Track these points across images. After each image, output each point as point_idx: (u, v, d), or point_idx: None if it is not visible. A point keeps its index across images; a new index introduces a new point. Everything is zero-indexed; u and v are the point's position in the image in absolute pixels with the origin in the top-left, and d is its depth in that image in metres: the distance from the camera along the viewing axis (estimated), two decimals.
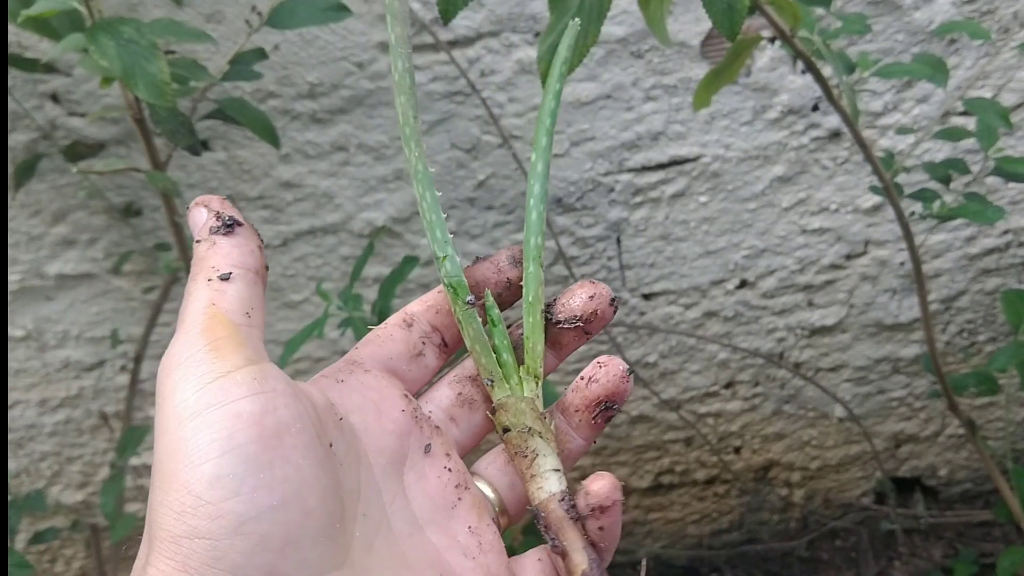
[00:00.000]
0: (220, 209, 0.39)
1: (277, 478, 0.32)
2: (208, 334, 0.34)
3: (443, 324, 0.44)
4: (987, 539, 1.50)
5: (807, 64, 0.73)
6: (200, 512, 0.31)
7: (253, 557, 0.31)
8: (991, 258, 1.28)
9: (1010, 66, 1.14)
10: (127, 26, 0.59)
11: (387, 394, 0.41)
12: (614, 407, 0.42)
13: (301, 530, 0.32)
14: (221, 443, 0.32)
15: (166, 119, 0.67)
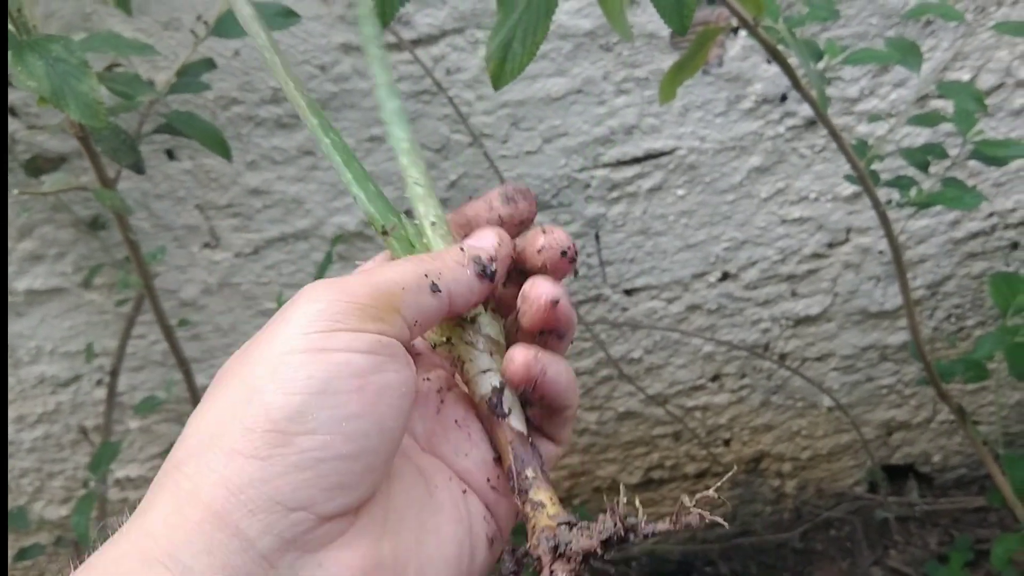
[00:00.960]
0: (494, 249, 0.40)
1: (359, 432, 0.33)
2: (369, 295, 0.35)
3: None
4: (983, 525, 1.49)
5: (772, 54, 0.71)
6: (269, 438, 0.31)
7: (299, 491, 0.31)
8: (976, 242, 1.26)
9: (988, 46, 1.12)
10: (56, 44, 0.57)
11: None
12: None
13: (359, 481, 0.33)
14: (318, 383, 0.32)
15: (107, 137, 0.65)
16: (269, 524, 0.31)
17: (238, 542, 0.30)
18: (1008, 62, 1.12)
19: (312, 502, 0.31)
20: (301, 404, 0.32)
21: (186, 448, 0.33)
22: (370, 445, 0.33)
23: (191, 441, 0.33)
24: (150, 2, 0.95)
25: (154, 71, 0.98)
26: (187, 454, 0.32)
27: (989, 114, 1.16)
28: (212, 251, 1.12)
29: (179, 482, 0.32)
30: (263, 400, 0.32)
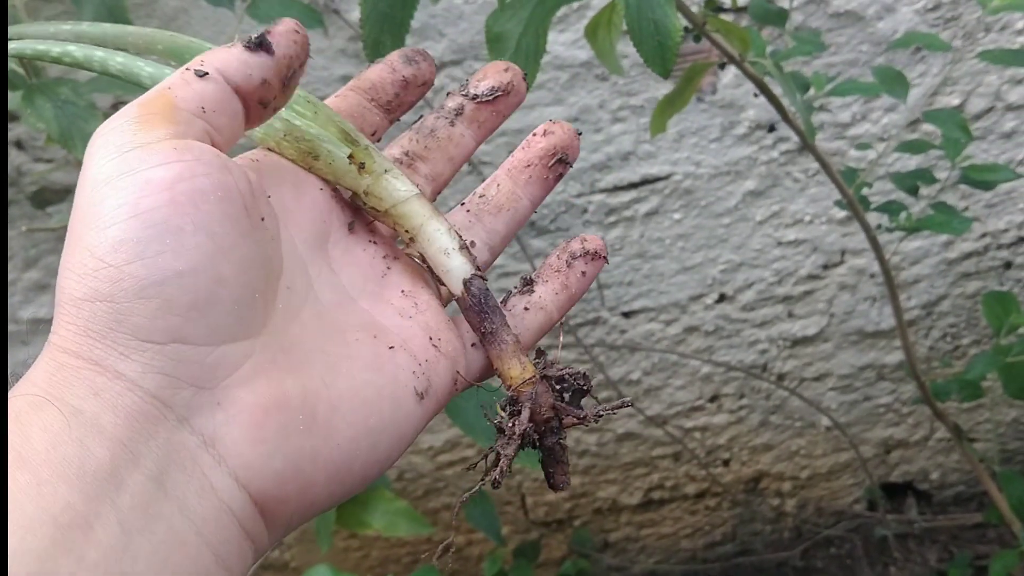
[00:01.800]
0: (277, 29, 0.36)
1: (186, 245, 0.31)
2: (144, 108, 0.33)
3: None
4: (982, 541, 1.50)
5: (759, 87, 0.73)
6: (101, 275, 0.30)
7: (156, 320, 0.30)
8: (970, 262, 1.28)
9: (977, 71, 1.14)
10: (64, 87, 0.59)
11: (303, 176, 0.40)
12: (567, 161, 0.43)
13: (210, 296, 0.32)
14: (128, 208, 0.31)
15: None
16: (145, 363, 0.30)
17: (122, 384, 0.30)
18: (997, 86, 1.14)
19: (177, 330, 0.31)
20: (118, 233, 0.31)
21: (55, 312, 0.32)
22: (204, 256, 0.32)
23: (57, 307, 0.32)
24: None
25: None
26: (54, 315, 0.32)
27: (980, 137, 1.17)
28: None
29: (51, 341, 0.31)
30: (85, 243, 0.31)
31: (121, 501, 0.28)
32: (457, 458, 1.36)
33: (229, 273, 0.32)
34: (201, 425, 0.31)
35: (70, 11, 0.93)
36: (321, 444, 0.34)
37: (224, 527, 0.31)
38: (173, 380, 0.31)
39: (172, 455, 0.30)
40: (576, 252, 0.43)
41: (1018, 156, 1.19)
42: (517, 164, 0.43)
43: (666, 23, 0.49)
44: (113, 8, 0.77)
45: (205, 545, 0.30)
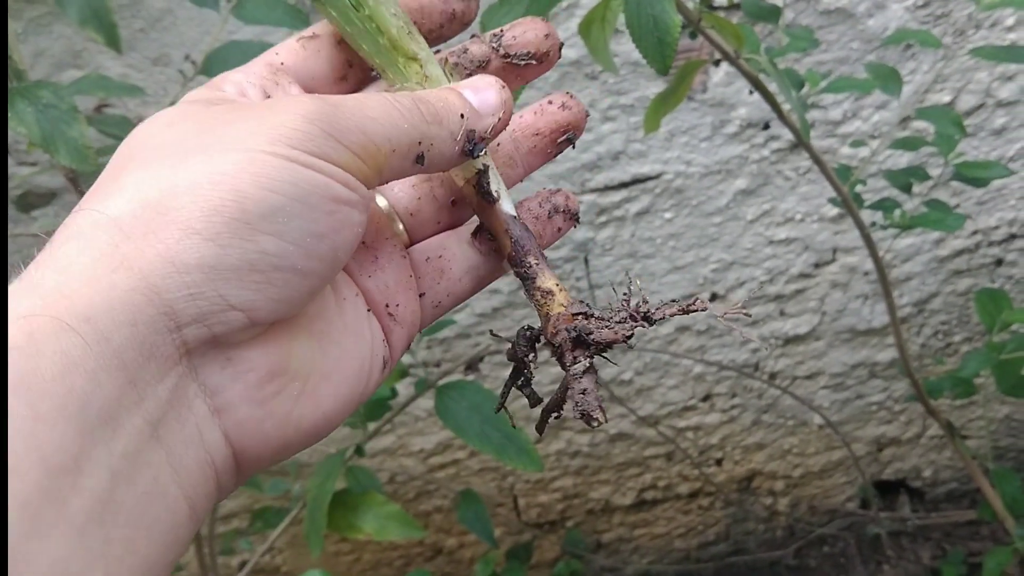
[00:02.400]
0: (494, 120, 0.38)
1: (319, 252, 0.32)
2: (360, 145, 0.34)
3: None
4: (975, 538, 1.50)
5: (754, 84, 0.73)
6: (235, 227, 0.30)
7: (244, 291, 0.30)
8: (961, 259, 1.28)
9: (968, 68, 1.13)
10: (45, 90, 0.57)
11: None
12: (573, 140, 0.42)
13: (298, 298, 0.32)
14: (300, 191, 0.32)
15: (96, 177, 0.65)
16: (205, 314, 0.29)
17: (166, 322, 0.29)
18: (988, 83, 1.14)
19: (252, 306, 0.30)
20: (277, 204, 0.30)
21: (125, 205, 0.30)
22: (321, 268, 0.32)
23: (131, 199, 0.30)
24: (139, 38, 0.96)
25: (144, 106, 0.98)
26: (129, 214, 0.29)
27: (971, 134, 1.17)
28: None
29: (116, 243, 0.29)
30: (236, 187, 0.30)
31: (115, 445, 0.27)
32: (449, 460, 1.35)
33: (320, 288, 0.33)
34: (206, 376, 0.31)
35: (54, 11, 0.91)
36: (308, 412, 0.34)
37: (204, 480, 0.31)
38: (211, 338, 0.30)
39: (174, 402, 0.29)
40: (559, 206, 0.42)
41: (1008, 152, 1.19)
42: (525, 129, 0.42)
43: (665, 19, 0.49)
44: (98, 9, 0.76)
45: (184, 497, 0.30)
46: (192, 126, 0.33)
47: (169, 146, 0.32)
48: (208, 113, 0.34)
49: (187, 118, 0.34)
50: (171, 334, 0.29)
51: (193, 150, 0.31)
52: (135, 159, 0.32)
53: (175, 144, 0.32)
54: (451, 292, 0.42)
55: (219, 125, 0.32)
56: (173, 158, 0.31)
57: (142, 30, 0.96)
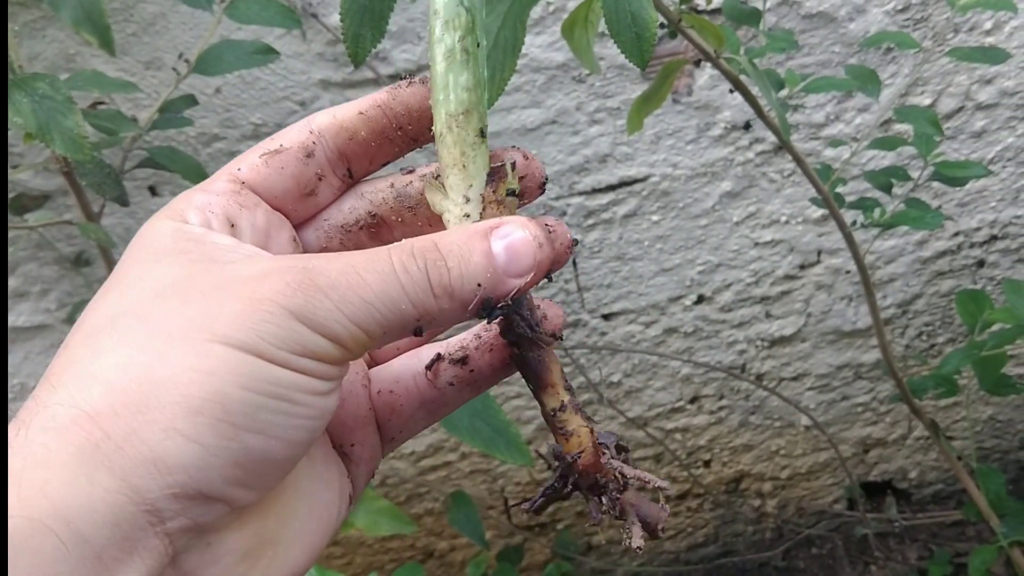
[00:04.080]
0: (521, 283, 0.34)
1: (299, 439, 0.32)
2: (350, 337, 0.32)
3: (355, 153, 0.38)
4: (961, 539, 1.51)
5: (735, 84, 0.74)
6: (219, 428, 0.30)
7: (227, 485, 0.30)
8: (944, 260, 1.29)
9: (948, 71, 1.15)
10: (42, 82, 0.59)
11: (275, 236, 0.37)
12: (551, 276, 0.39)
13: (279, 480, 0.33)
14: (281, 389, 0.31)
15: (92, 171, 0.67)
16: (187, 509, 0.29)
17: (149, 518, 0.29)
18: (967, 86, 1.16)
19: (235, 496, 0.30)
20: (260, 403, 0.30)
21: (103, 398, 0.29)
22: (302, 451, 0.32)
23: (109, 391, 0.29)
24: (132, 43, 0.98)
25: (136, 108, 1.00)
26: (108, 409, 0.29)
27: (951, 137, 1.19)
28: None
29: (96, 442, 0.28)
30: (218, 388, 0.29)
31: None
32: (440, 462, 1.36)
33: (300, 462, 0.33)
34: (185, 560, 0.31)
35: (48, 15, 0.93)
36: (277, 569, 0.34)
37: None
38: (194, 527, 0.30)
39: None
40: None
41: (989, 155, 1.21)
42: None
43: (643, 15, 0.50)
44: (91, 11, 0.77)
45: None
46: (171, 299, 0.31)
47: (146, 321, 0.31)
48: (186, 282, 0.32)
49: (165, 283, 0.32)
50: (153, 527, 0.29)
51: (173, 334, 0.30)
52: (112, 329, 0.31)
53: (153, 320, 0.31)
54: (404, 428, 0.40)
55: (198, 302, 0.31)
56: (152, 341, 0.30)
57: (135, 34, 0.97)
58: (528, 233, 0.33)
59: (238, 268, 0.32)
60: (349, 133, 0.37)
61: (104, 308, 0.32)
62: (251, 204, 0.36)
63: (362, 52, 0.49)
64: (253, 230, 0.36)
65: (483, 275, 0.33)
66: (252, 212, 0.36)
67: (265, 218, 0.37)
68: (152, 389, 0.29)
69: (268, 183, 0.37)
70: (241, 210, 0.36)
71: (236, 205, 0.36)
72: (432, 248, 0.33)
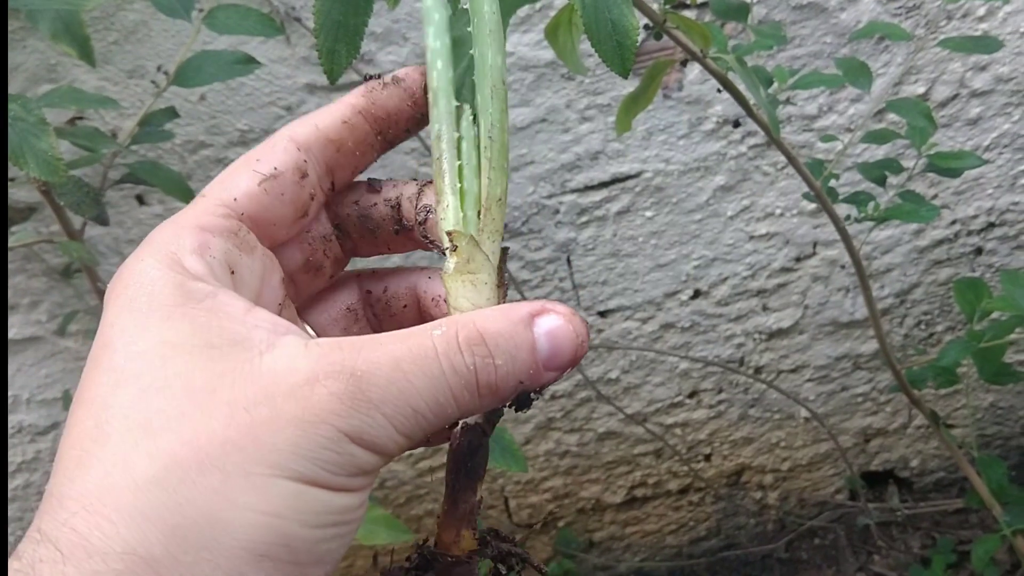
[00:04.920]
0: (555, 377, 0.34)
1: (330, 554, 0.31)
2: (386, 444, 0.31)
3: (341, 164, 0.37)
4: (964, 526, 1.51)
5: (722, 83, 0.73)
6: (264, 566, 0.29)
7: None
8: (941, 249, 1.28)
9: (941, 59, 1.14)
10: (14, 103, 0.58)
11: (268, 280, 0.36)
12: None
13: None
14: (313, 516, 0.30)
15: (69, 191, 0.66)
16: None
17: None
18: (961, 74, 1.15)
19: None
20: (322, 536, 0.29)
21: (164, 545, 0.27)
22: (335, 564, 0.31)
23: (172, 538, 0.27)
24: (114, 51, 0.97)
25: (120, 118, 0.99)
26: (168, 556, 0.27)
27: (946, 124, 1.18)
28: None
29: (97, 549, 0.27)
30: (283, 530, 0.28)
31: None
32: (438, 463, 1.35)
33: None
34: None
35: (27, 26, 0.92)
36: None
37: None
38: None
39: None
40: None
41: (984, 142, 1.20)
42: None
43: (623, 22, 0.49)
44: (70, 24, 0.76)
45: None
46: (214, 413, 0.29)
47: (194, 447, 0.28)
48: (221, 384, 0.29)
49: (194, 380, 0.29)
50: None
51: (228, 469, 0.28)
52: (149, 451, 0.28)
53: (202, 448, 0.28)
54: None
55: (246, 421, 0.29)
56: (208, 476, 0.28)
57: (116, 43, 0.96)
58: (572, 327, 0.33)
59: (275, 369, 0.30)
60: (336, 145, 0.36)
61: (126, 407, 0.29)
62: (249, 247, 0.35)
63: (337, 68, 0.48)
64: (251, 277, 0.34)
65: (527, 372, 0.32)
66: (251, 257, 0.34)
67: (261, 263, 0.35)
68: (213, 532, 0.27)
69: (268, 213, 0.35)
70: (241, 256, 0.34)
71: (236, 250, 0.34)
72: (479, 341, 0.31)
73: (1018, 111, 1.19)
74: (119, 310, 0.31)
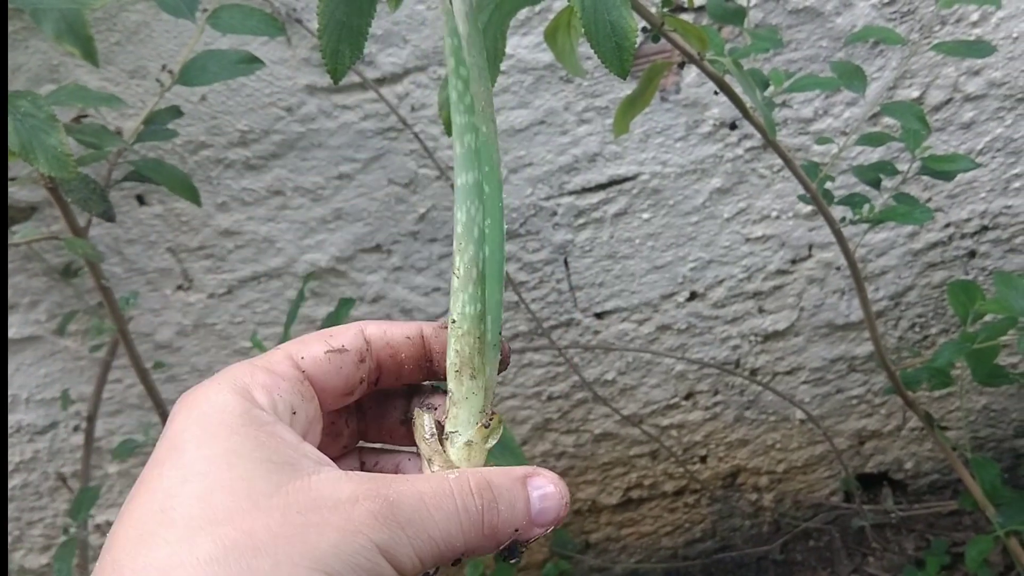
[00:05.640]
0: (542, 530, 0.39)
1: None
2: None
3: (390, 369, 0.43)
4: (958, 528, 1.51)
5: (719, 85, 0.74)
6: None
7: None
8: (935, 252, 1.29)
9: (935, 63, 1.15)
10: (24, 100, 0.59)
11: (313, 428, 0.41)
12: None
13: None
14: None
15: (77, 187, 0.67)
16: None
17: None
18: (955, 78, 1.16)
19: None
20: None
21: None
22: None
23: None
24: (116, 51, 0.97)
25: (122, 118, 0.99)
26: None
27: (940, 128, 1.19)
28: (186, 293, 1.13)
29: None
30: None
31: None
32: None
33: None
34: None
35: (30, 26, 0.92)
36: None
37: None
38: None
39: None
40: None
41: (978, 145, 1.21)
42: None
43: (622, 24, 0.50)
44: (73, 23, 0.77)
45: None
46: (272, 512, 0.33)
47: (252, 537, 0.33)
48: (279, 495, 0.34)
49: (258, 490, 0.34)
50: None
51: (280, 560, 0.32)
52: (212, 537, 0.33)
53: (258, 537, 0.33)
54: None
55: (298, 524, 0.33)
56: (261, 561, 0.32)
57: (118, 43, 0.97)
58: (557, 490, 0.39)
59: (323, 487, 0.35)
60: (392, 350, 0.42)
61: (193, 500, 0.33)
62: (309, 397, 0.40)
63: (341, 68, 0.49)
64: (304, 421, 0.39)
65: (522, 521, 0.37)
66: (308, 404, 0.40)
67: (313, 412, 0.40)
68: None
69: (325, 378, 0.41)
70: (302, 401, 0.39)
71: (299, 396, 0.39)
72: (487, 488, 0.37)
73: (1011, 115, 1.20)
74: (189, 422, 0.36)
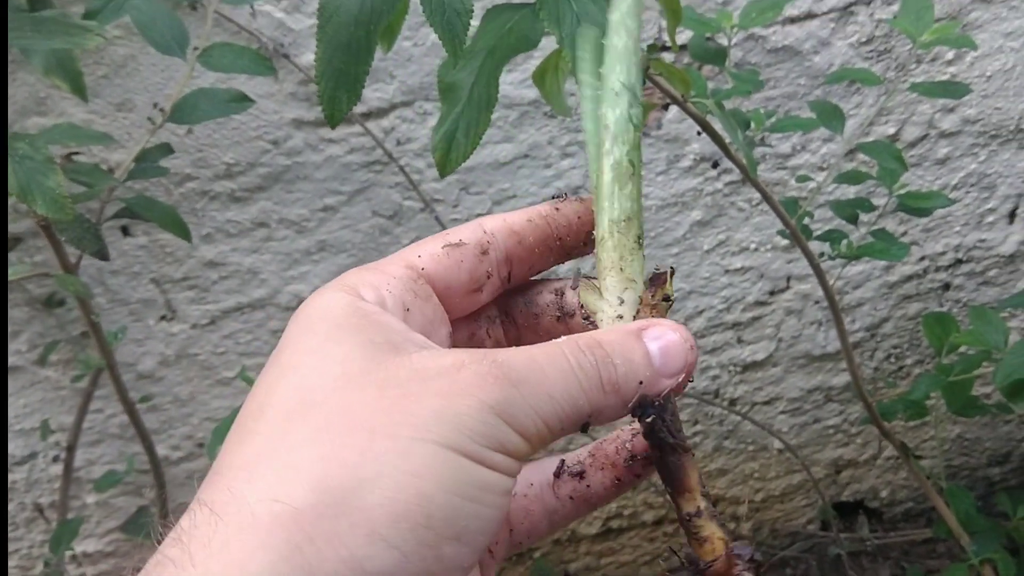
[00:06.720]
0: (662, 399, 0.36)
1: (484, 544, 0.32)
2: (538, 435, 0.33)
3: (519, 257, 0.40)
4: (932, 556, 1.53)
5: (701, 126, 0.76)
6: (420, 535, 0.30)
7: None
8: (911, 284, 1.32)
9: (911, 101, 1.18)
10: (21, 142, 0.59)
11: (436, 329, 0.38)
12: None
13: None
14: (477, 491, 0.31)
15: (72, 227, 0.67)
16: None
17: None
18: (930, 115, 1.19)
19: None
20: (460, 507, 0.30)
21: (307, 495, 0.29)
22: (478, 558, 0.32)
23: (314, 488, 0.29)
24: (103, 84, 0.98)
25: (108, 151, 1.00)
26: (311, 508, 0.29)
27: (915, 164, 1.22)
28: (169, 324, 1.13)
29: (298, 544, 0.28)
30: (423, 490, 0.29)
31: None
32: None
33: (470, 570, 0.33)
34: None
35: (17, 59, 0.93)
36: None
37: None
38: None
39: None
40: (639, 453, 0.40)
41: (952, 180, 1.24)
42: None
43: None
44: (63, 58, 0.77)
45: None
46: (367, 388, 0.31)
47: (344, 413, 0.31)
48: (377, 371, 0.32)
49: (353, 370, 0.32)
50: None
51: (375, 430, 0.30)
52: (306, 417, 0.31)
53: (352, 412, 0.31)
54: (531, 533, 0.40)
55: (396, 395, 0.31)
56: (353, 437, 0.30)
57: (105, 76, 0.97)
58: (679, 336, 0.36)
59: (425, 360, 0.32)
60: (518, 237, 0.40)
61: (288, 390, 0.32)
62: (424, 295, 0.37)
63: (338, 114, 0.50)
64: (421, 319, 0.37)
65: (644, 373, 0.35)
66: (424, 303, 0.37)
67: (433, 311, 0.38)
68: (356, 488, 0.29)
69: (446, 274, 0.38)
70: (415, 298, 0.37)
71: (411, 292, 0.37)
72: (598, 346, 0.34)
73: (984, 151, 1.23)
74: (294, 325, 0.35)
